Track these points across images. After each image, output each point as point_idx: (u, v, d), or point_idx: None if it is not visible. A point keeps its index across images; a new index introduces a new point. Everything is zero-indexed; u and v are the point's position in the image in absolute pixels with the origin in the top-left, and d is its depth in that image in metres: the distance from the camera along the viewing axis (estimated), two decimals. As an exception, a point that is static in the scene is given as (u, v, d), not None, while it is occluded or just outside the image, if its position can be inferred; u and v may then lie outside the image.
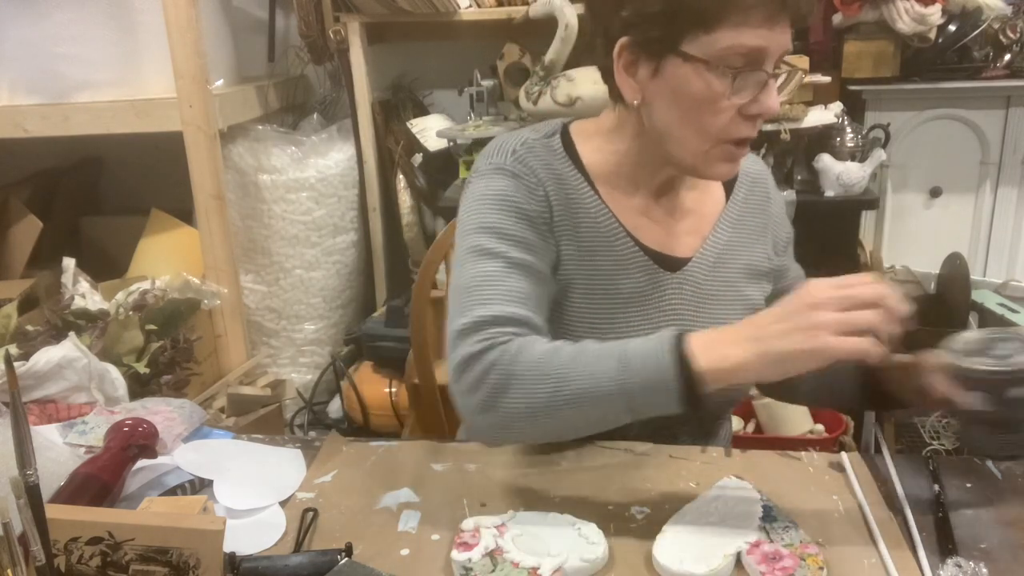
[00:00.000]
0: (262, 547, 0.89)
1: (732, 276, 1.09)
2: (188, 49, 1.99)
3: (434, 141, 2.38)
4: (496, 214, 0.98)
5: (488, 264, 0.95)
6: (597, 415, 0.87)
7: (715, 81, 0.90)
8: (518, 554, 0.83)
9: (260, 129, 2.37)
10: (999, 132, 2.24)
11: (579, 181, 1.03)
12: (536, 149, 1.03)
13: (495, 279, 0.94)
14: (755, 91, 0.91)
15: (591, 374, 0.84)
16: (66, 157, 2.66)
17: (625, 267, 1.03)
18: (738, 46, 0.89)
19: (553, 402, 0.85)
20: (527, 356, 0.87)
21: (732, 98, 0.91)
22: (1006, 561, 0.83)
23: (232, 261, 2.20)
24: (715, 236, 1.08)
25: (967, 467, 1.01)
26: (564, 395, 0.85)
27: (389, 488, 0.99)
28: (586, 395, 0.84)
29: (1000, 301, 2.17)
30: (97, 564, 0.78)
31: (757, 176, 1.14)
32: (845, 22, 2.16)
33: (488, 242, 0.97)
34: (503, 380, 0.86)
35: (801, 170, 2.22)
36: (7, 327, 1.78)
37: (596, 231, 1.02)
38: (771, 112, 0.93)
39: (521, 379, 0.86)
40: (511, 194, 0.99)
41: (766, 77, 0.91)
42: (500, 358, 0.87)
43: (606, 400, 0.84)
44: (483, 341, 0.89)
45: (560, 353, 0.87)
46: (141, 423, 1.02)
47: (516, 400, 0.86)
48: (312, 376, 2.54)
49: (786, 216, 1.18)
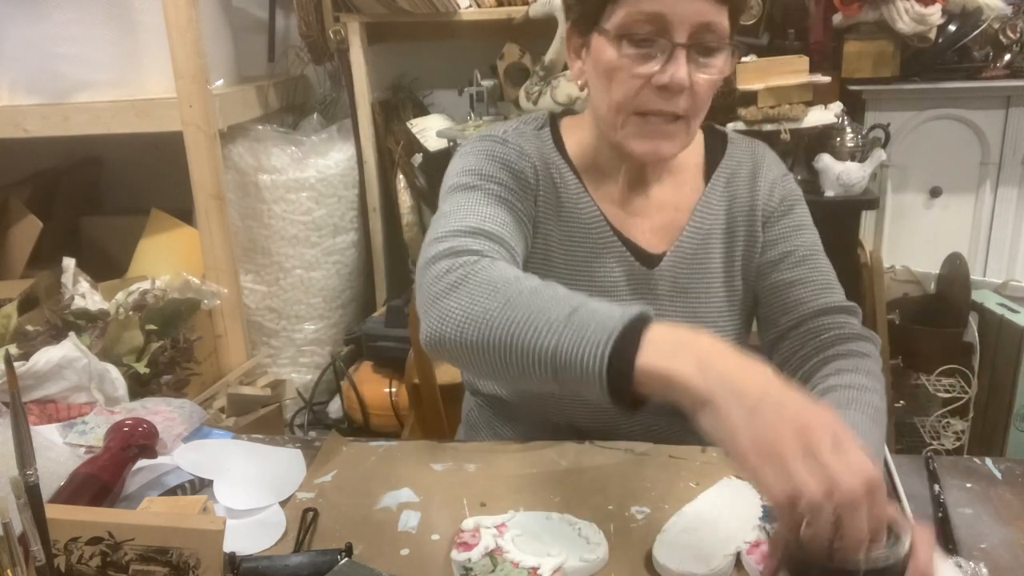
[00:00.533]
0: (262, 547, 0.89)
1: (714, 268, 1.08)
2: (188, 49, 1.99)
3: (434, 141, 2.38)
4: (481, 161, 1.02)
5: (468, 194, 0.98)
6: (523, 362, 0.75)
7: (618, 50, 0.93)
8: (518, 554, 0.83)
9: (260, 129, 2.37)
10: (999, 132, 2.24)
11: (565, 168, 1.06)
12: (527, 135, 1.07)
13: (474, 204, 0.96)
14: (662, 61, 0.92)
15: (539, 310, 0.76)
16: (66, 157, 2.66)
17: (601, 256, 1.05)
18: (636, 13, 0.91)
19: (489, 319, 0.77)
20: (492, 271, 0.82)
21: (638, 68, 0.93)
22: (1006, 561, 0.84)
23: (232, 261, 2.20)
24: (692, 227, 1.08)
25: (967, 467, 1.01)
26: (504, 319, 0.76)
27: (389, 488, 0.99)
28: (521, 330, 0.75)
29: (1000, 301, 2.17)
30: (97, 564, 0.78)
31: (744, 158, 1.12)
32: (845, 22, 2.16)
33: (470, 180, 0.99)
34: (455, 283, 0.82)
35: (801, 170, 2.22)
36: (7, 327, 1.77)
37: (578, 217, 1.05)
38: (678, 84, 0.92)
39: (474, 285, 0.81)
40: (498, 150, 1.03)
41: (670, 46, 0.91)
42: (463, 264, 0.84)
43: (535, 348, 0.74)
44: (453, 246, 0.87)
45: (524, 281, 0.80)
46: (141, 423, 1.02)
47: (460, 304, 0.80)
48: (312, 376, 2.54)
49: (786, 182, 1.11)
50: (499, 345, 0.77)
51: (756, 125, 2.06)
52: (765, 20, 2.16)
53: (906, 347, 2.17)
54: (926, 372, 2.15)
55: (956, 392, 2.13)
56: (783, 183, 1.12)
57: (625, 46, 0.93)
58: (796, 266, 1.07)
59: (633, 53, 0.93)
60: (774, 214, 1.10)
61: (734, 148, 1.13)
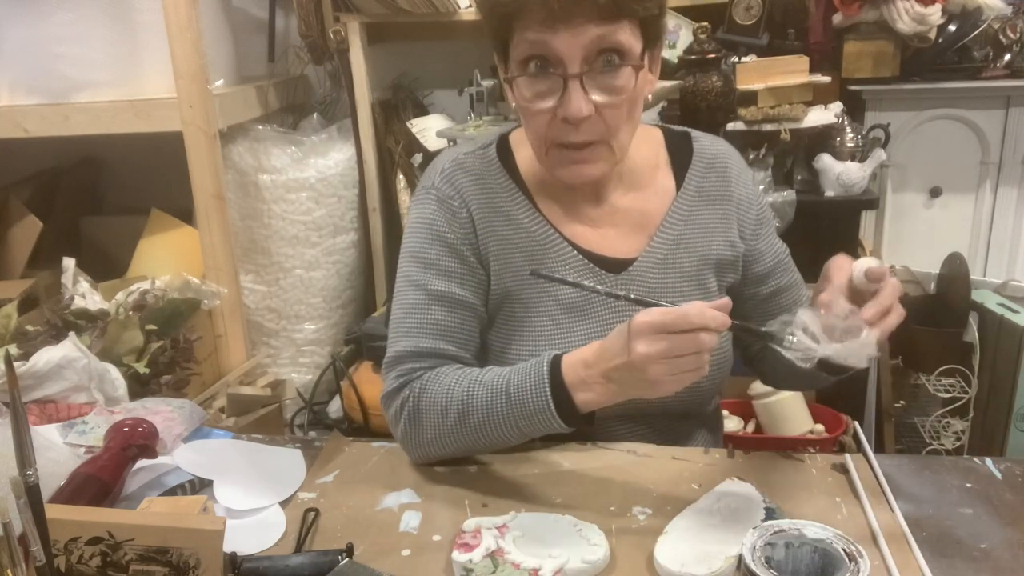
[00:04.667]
0: (263, 547, 0.89)
1: (687, 270, 1.06)
2: (188, 49, 1.99)
3: (434, 141, 2.38)
4: (422, 243, 1.04)
5: (412, 296, 1.03)
6: (500, 439, 0.97)
7: (522, 85, 0.91)
8: (519, 555, 0.83)
9: (260, 129, 2.36)
10: (999, 132, 2.24)
11: (511, 193, 1.04)
12: (467, 164, 1.05)
13: (416, 311, 1.02)
14: (559, 94, 0.89)
15: (484, 409, 0.95)
16: (66, 157, 2.66)
17: (564, 273, 1.02)
18: (524, 48, 0.89)
19: (457, 433, 0.97)
20: (429, 394, 0.98)
21: (539, 103, 0.91)
22: (1006, 561, 0.83)
23: (232, 261, 2.20)
24: (663, 232, 1.05)
25: (967, 467, 1.00)
26: (467, 427, 0.96)
27: (391, 488, 0.99)
28: (483, 427, 0.96)
29: (1000, 301, 2.17)
30: (97, 564, 0.78)
31: (714, 159, 1.09)
32: (845, 22, 2.16)
33: (415, 272, 1.03)
34: (412, 415, 0.99)
35: (801, 170, 2.22)
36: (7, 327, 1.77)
37: (531, 241, 1.03)
38: (575, 115, 0.89)
39: (427, 415, 0.98)
40: (436, 222, 1.03)
41: (561, 80, 0.88)
42: (408, 396, 0.99)
43: (502, 429, 0.95)
44: (398, 378, 1.00)
45: (456, 389, 0.96)
46: (141, 423, 1.02)
47: (426, 432, 0.99)
48: (312, 376, 2.53)
49: (759, 196, 1.12)
50: (473, 447, 0.99)
51: (756, 125, 2.06)
52: (765, 20, 2.16)
53: (906, 347, 2.17)
54: (926, 372, 2.15)
55: (956, 392, 2.13)
56: (755, 188, 1.13)
57: (525, 82, 0.91)
58: (782, 275, 1.13)
59: (533, 89, 0.91)
60: (754, 224, 1.10)
61: (700, 146, 1.10)
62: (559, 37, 0.86)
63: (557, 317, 1.03)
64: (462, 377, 0.97)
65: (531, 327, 1.03)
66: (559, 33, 0.86)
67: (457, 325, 1.02)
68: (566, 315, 1.03)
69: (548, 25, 0.86)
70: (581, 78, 0.88)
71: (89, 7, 2.07)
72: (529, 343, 1.03)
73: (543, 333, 1.03)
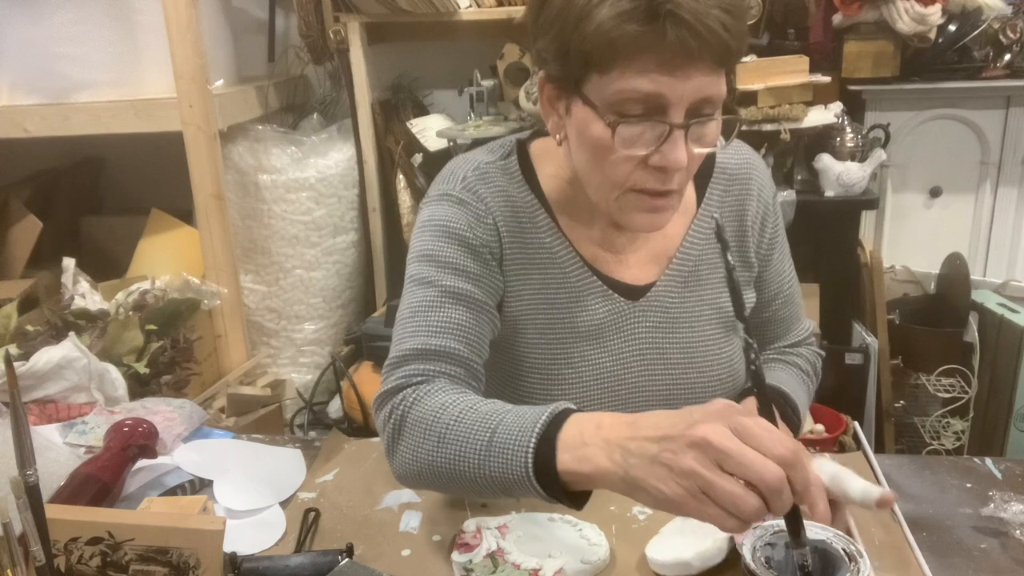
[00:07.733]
0: (263, 547, 0.89)
1: (706, 293, 1.03)
2: (188, 49, 1.99)
3: (434, 141, 2.38)
4: (436, 241, 0.95)
5: (421, 293, 0.94)
6: (472, 483, 0.80)
7: (608, 128, 0.83)
8: (519, 555, 0.83)
9: (260, 129, 2.36)
10: (999, 132, 2.24)
11: (535, 208, 0.98)
12: (490, 175, 0.99)
13: (426, 309, 0.92)
14: (657, 142, 0.83)
15: (464, 440, 0.79)
16: (66, 157, 2.66)
17: (582, 299, 0.99)
18: (630, 91, 0.81)
19: (431, 461, 0.82)
20: (421, 407, 0.85)
21: (631, 150, 0.84)
22: (1006, 561, 0.84)
23: (232, 261, 2.20)
24: (683, 253, 1.02)
25: (967, 467, 1.00)
26: (441, 456, 0.81)
27: (391, 488, 0.99)
28: (457, 461, 0.80)
29: (1000, 301, 2.17)
30: (97, 564, 0.78)
31: (737, 170, 1.04)
32: (845, 22, 2.16)
33: (426, 270, 0.94)
34: (397, 426, 0.86)
35: (801, 170, 2.22)
36: (7, 327, 1.77)
37: (552, 262, 0.99)
38: (675, 166, 0.83)
39: (410, 430, 0.84)
40: (454, 222, 0.96)
41: (666, 128, 0.82)
42: (400, 402, 0.86)
43: (475, 470, 0.78)
44: (398, 379, 0.88)
45: (448, 411, 0.83)
46: (141, 423, 1.02)
47: (403, 449, 0.85)
48: (312, 376, 2.53)
49: (775, 216, 1.08)
50: (448, 483, 0.82)
51: (756, 125, 2.06)
52: (765, 20, 2.16)
53: (906, 347, 2.18)
54: (926, 372, 2.15)
55: (956, 392, 2.13)
56: (775, 206, 1.08)
57: (616, 126, 0.83)
58: (782, 306, 1.11)
59: (630, 134, 0.83)
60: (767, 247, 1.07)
61: (723, 156, 1.05)
62: (669, 85, 0.81)
63: (571, 343, 0.99)
64: (459, 400, 0.84)
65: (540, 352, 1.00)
66: (670, 80, 0.81)
67: (471, 325, 0.93)
68: (580, 341, 0.99)
69: (665, 71, 0.81)
70: (687, 129, 0.83)
71: (89, 7, 2.07)
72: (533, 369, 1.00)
73: (552, 359, 0.99)
